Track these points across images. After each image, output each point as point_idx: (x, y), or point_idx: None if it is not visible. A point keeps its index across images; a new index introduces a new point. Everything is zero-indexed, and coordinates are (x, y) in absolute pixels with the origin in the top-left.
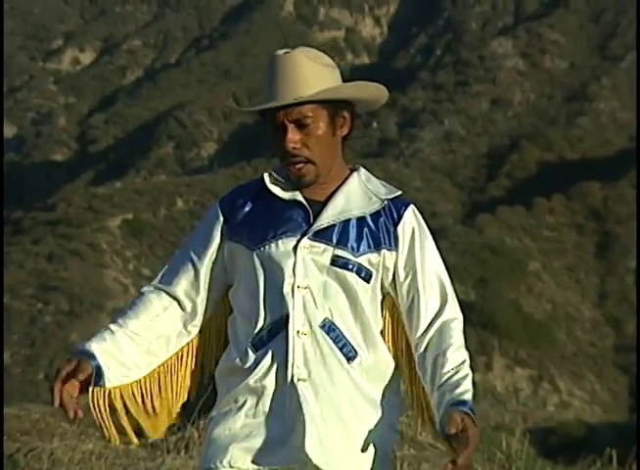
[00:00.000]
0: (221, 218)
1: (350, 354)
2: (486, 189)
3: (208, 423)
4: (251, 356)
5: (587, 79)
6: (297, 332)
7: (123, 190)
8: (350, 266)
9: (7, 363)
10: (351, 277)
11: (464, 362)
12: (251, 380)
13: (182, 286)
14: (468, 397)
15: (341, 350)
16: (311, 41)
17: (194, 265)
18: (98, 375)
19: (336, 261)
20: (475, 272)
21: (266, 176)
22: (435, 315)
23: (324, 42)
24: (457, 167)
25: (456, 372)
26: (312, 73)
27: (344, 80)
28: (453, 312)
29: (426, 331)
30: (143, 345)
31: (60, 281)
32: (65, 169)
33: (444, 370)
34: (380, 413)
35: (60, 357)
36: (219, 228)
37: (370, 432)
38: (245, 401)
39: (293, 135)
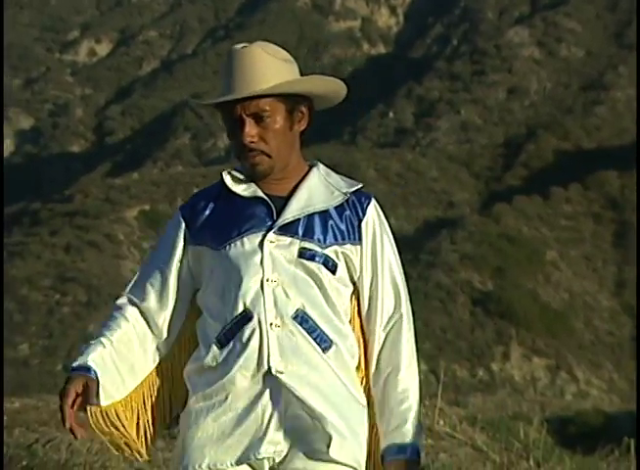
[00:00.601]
0: (183, 225)
1: (325, 344)
2: (503, 178)
3: (182, 423)
4: (219, 354)
5: (604, 68)
6: (270, 325)
7: (140, 181)
8: (317, 258)
9: (25, 354)
10: (319, 269)
11: (411, 388)
12: (221, 377)
13: (153, 299)
14: (408, 439)
15: (315, 339)
16: (327, 31)
17: (162, 277)
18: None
19: (303, 254)
20: (492, 262)
21: (225, 175)
22: (390, 318)
23: (340, 32)
24: (474, 157)
25: (404, 399)
26: (270, 68)
27: (362, 70)
28: (404, 311)
29: (379, 339)
30: (129, 361)
31: (77, 272)
32: (82, 161)
33: (394, 392)
34: (356, 401)
35: (77, 349)
36: (182, 235)
37: (348, 420)
38: (216, 400)
39: (250, 129)
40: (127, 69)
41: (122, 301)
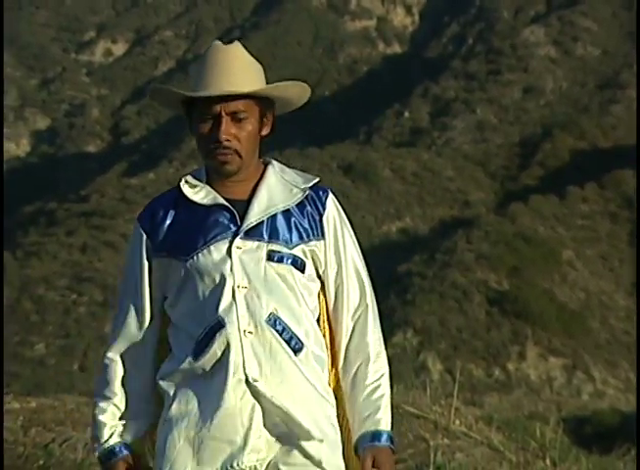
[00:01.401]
0: (144, 237)
1: (297, 347)
2: (519, 178)
3: (160, 431)
4: (194, 362)
5: (620, 67)
6: (244, 332)
7: (156, 181)
8: (286, 259)
9: (42, 354)
10: (288, 270)
11: (382, 377)
12: (199, 386)
13: (140, 326)
14: (384, 426)
15: (288, 343)
16: (343, 31)
17: (140, 300)
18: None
19: (272, 256)
20: (508, 261)
21: (183, 184)
22: (356, 309)
23: (355, 32)
24: (490, 156)
25: (376, 388)
26: (253, 71)
27: (377, 70)
28: (369, 301)
29: (347, 330)
30: (147, 411)
31: (94, 272)
32: (98, 161)
33: (366, 382)
34: (327, 403)
35: (94, 348)
36: (144, 248)
37: (321, 424)
38: (194, 408)
39: (228, 127)
40: (143, 69)
41: (111, 354)
